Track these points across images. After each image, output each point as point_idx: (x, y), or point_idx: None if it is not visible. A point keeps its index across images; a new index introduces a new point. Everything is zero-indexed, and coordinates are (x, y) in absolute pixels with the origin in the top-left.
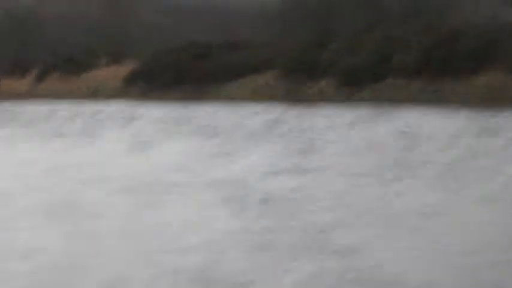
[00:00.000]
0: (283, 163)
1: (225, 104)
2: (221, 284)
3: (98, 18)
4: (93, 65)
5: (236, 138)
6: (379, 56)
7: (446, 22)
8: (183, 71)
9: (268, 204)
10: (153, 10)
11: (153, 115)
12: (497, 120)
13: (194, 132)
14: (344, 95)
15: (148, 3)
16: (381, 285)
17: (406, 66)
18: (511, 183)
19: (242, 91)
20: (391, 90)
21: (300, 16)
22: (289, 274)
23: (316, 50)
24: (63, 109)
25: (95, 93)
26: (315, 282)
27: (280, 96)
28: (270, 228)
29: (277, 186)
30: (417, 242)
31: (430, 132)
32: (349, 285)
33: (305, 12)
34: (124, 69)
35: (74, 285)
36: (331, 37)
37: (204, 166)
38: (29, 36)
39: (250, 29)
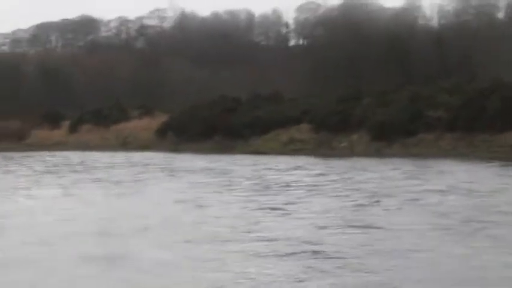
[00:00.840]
0: None
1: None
2: None
3: (133, 71)
4: (123, 118)
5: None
6: (408, 112)
7: (475, 81)
8: (213, 124)
9: None
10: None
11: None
12: None
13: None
14: (374, 149)
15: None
16: None
17: (436, 123)
18: None
19: (273, 144)
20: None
21: (331, 72)
22: None
23: (348, 104)
24: (103, 156)
25: (124, 144)
26: None
27: (310, 150)
28: None
29: None
30: None
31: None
32: None
33: (336, 68)
34: (156, 122)
35: None
36: (362, 93)
37: None
38: (61, 89)
39: (281, 84)
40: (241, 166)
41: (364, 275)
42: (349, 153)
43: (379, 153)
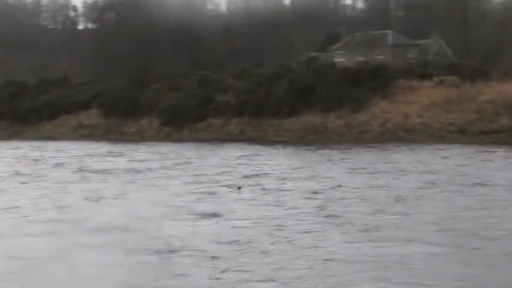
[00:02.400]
0: None
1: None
2: None
3: None
4: None
5: None
6: (198, 97)
7: (263, 67)
8: (0, 110)
9: None
10: None
11: None
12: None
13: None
14: (164, 134)
15: None
16: None
17: (225, 108)
18: None
19: (62, 129)
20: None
21: (120, 57)
22: None
23: (137, 90)
24: None
25: None
26: None
27: (99, 135)
28: None
29: None
30: None
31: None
32: None
33: (126, 53)
34: None
35: None
36: (152, 79)
37: None
38: None
39: (70, 68)
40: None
41: None
42: (139, 138)
43: (169, 138)
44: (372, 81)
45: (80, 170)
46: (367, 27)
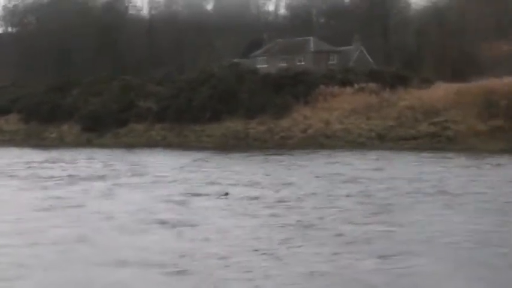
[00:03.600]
0: None
1: None
2: None
3: None
4: None
5: None
6: (120, 103)
7: (185, 72)
8: None
9: None
10: None
11: None
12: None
13: None
14: (85, 139)
15: None
16: None
17: (147, 113)
18: None
19: None
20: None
21: (41, 61)
22: None
23: (58, 94)
24: None
25: None
26: None
27: (20, 141)
28: None
29: None
30: None
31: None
32: None
33: (46, 58)
34: None
35: None
36: (73, 83)
37: None
38: None
39: None
40: None
41: None
42: (60, 143)
43: (90, 143)
44: (293, 88)
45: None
46: (290, 34)
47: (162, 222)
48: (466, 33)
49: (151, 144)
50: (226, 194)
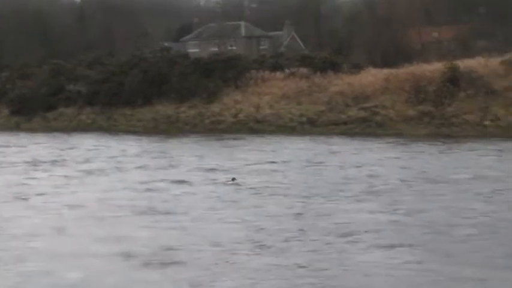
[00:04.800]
0: None
1: None
2: None
3: None
4: None
5: None
6: (50, 86)
7: (116, 56)
8: None
9: None
10: None
11: None
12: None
13: None
14: (14, 123)
15: None
16: None
17: (77, 97)
18: None
19: None
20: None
21: None
22: None
23: None
24: None
25: None
26: None
27: None
28: None
29: None
30: None
31: None
32: None
33: None
34: None
35: None
36: (2, 67)
37: None
38: None
39: None
40: None
41: None
42: None
43: (19, 128)
44: (224, 72)
45: None
46: (221, 18)
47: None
48: (395, 21)
49: (80, 128)
50: (233, 179)
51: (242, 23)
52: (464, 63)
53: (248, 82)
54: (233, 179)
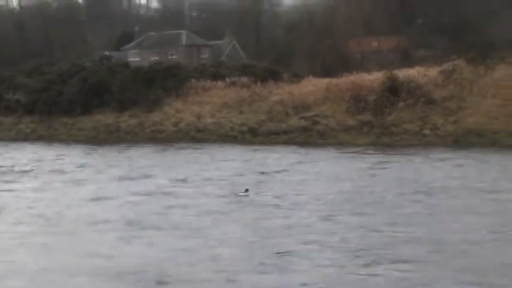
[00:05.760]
0: None
1: None
2: None
3: None
4: None
5: None
6: None
7: (56, 64)
8: None
9: None
10: None
11: None
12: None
13: None
14: None
15: None
16: None
17: (16, 106)
18: None
19: None
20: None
21: None
22: None
23: None
24: None
25: None
26: None
27: None
28: None
29: None
30: None
31: None
32: None
33: None
34: None
35: None
36: None
37: None
38: None
39: None
40: None
41: None
42: None
43: None
44: (165, 81)
45: None
46: (162, 27)
47: None
48: (335, 30)
49: (20, 137)
50: (246, 190)
51: (183, 32)
52: (404, 73)
53: (189, 91)
54: (246, 190)
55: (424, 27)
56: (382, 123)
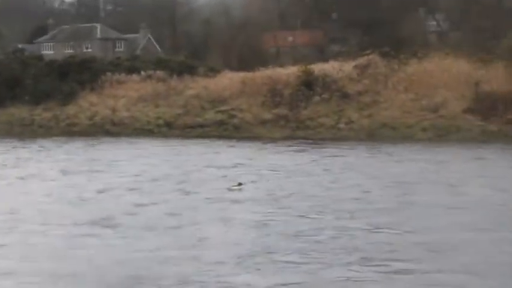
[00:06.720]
0: None
1: None
2: None
3: None
4: None
5: None
6: None
7: None
8: None
9: None
10: None
11: None
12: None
13: None
14: None
15: None
16: None
17: None
18: None
19: None
20: None
21: None
22: None
23: None
24: None
25: None
26: None
27: None
28: None
29: None
30: None
31: None
32: None
33: None
34: None
35: None
36: None
37: None
38: None
39: None
40: None
41: None
42: None
43: None
44: (79, 74)
45: None
46: (76, 20)
47: None
48: (250, 24)
49: None
50: (240, 184)
51: (98, 25)
52: (319, 68)
53: (104, 84)
54: (239, 184)
55: (339, 22)
56: (297, 117)
